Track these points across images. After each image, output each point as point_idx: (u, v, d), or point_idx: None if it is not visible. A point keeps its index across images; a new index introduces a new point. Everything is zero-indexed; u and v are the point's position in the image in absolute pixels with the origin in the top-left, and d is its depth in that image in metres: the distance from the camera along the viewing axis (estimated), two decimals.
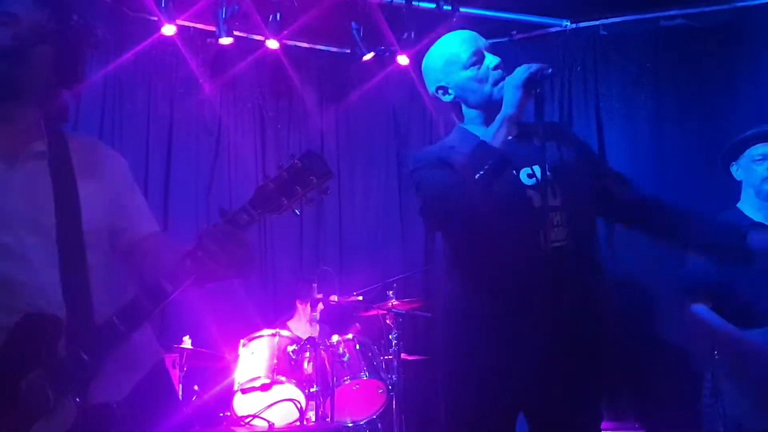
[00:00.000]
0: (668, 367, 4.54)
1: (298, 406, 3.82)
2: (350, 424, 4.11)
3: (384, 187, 5.65)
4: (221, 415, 4.13)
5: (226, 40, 4.72)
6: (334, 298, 4.43)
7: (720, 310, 3.00)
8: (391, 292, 4.44)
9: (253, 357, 4.10)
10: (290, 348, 4.10)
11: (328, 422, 3.80)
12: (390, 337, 4.29)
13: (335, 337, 4.22)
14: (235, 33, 4.89)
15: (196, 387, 4.32)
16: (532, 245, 1.95)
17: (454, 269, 2.14)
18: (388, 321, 4.38)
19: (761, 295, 2.91)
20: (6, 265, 1.57)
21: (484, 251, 2.02)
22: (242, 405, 4.04)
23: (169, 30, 4.75)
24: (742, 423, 2.86)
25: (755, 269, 2.91)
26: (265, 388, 3.98)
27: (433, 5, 4.99)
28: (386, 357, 4.30)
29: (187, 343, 4.29)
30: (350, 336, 4.25)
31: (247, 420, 3.78)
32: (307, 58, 5.65)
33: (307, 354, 4.09)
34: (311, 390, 3.98)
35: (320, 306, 4.34)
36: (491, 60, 2.13)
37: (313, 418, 3.99)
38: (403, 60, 5.11)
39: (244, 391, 4.01)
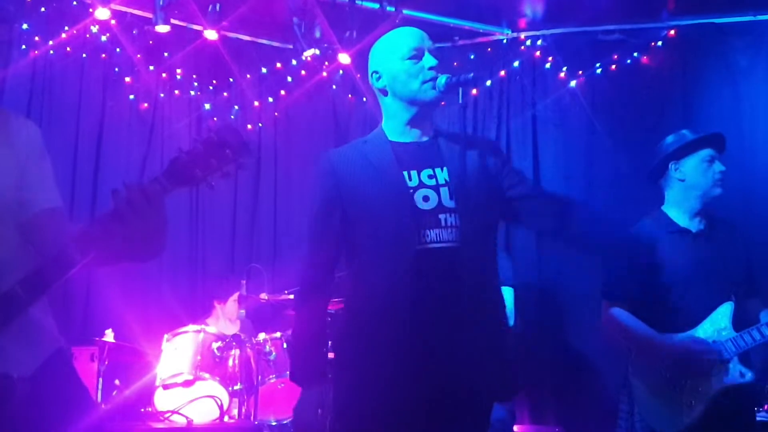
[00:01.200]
0: (589, 370, 4.64)
1: (219, 403, 3.75)
2: (274, 423, 4.06)
3: None
4: (142, 410, 4.03)
5: (162, 28, 4.60)
6: (264, 295, 4.37)
7: (641, 314, 3.05)
8: None
9: (177, 353, 4.01)
10: (215, 345, 4.02)
11: (246, 420, 3.74)
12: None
13: (262, 335, 4.16)
14: (174, 21, 4.78)
15: (117, 381, 4.21)
16: (411, 244, 2.00)
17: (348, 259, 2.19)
18: None
19: (683, 302, 2.97)
20: None
21: (365, 249, 2.09)
22: (164, 401, 3.95)
23: (102, 14, 4.62)
24: (655, 427, 2.93)
25: (677, 276, 3.00)
26: (187, 384, 3.90)
27: (376, 5, 4.98)
28: None
29: (109, 336, 4.18)
30: (278, 334, 4.19)
31: (166, 416, 3.69)
32: (248, 51, 5.57)
33: (233, 351, 4.03)
34: (235, 388, 3.92)
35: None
36: (429, 60, 2.15)
37: (237, 416, 3.93)
38: (344, 58, 5.09)
39: (165, 387, 3.92)
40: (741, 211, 4.42)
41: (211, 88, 5.58)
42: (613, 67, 5.10)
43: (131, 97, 5.32)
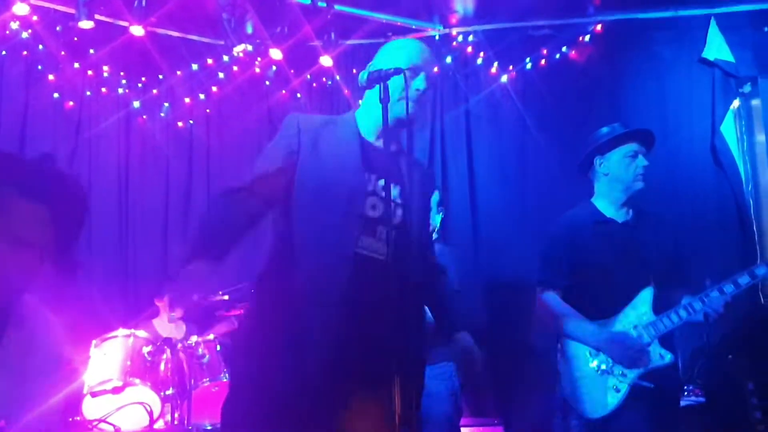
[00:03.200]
0: (526, 361, 4.70)
1: (148, 409, 3.65)
2: (209, 427, 3.97)
3: None
4: (70, 419, 3.90)
5: (86, 24, 4.46)
6: (195, 296, 4.27)
7: (570, 300, 3.12)
8: None
9: (106, 358, 3.89)
10: (146, 349, 3.92)
11: (179, 426, 3.66)
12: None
13: (194, 338, 4.07)
14: (98, 17, 4.64)
15: None
16: (348, 245, 2.02)
17: (276, 252, 2.14)
18: None
19: (608, 289, 3.05)
20: None
21: (304, 235, 2.07)
22: (92, 409, 3.82)
23: (21, 9, 4.44)
24: (582, 412, 2.98)
25: (602, 264, 3.07)
26: (117, 390, 3.78)
27: (308, 1, 4.92)
28: None
29: None
30: (211, 336, 4.11)
31: (93, 424, 3.58)
32: (177, 47, 5.43)
33: (165, 356, 3.93)
34: (167, 392, 3.83)
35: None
36: (419, 83, 2.16)
37: (170, 422, 3.84)
38: (276, 54, 5.02)
39: (94, 395, 3.79)
40: (667, 201, 4.55)
41: (140, 85, 5.43)
42: (543, 61, 5.18)
43: (56, 95, 5.14)
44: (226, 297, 4.29)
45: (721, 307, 2.90)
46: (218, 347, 4.07)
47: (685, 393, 4.15)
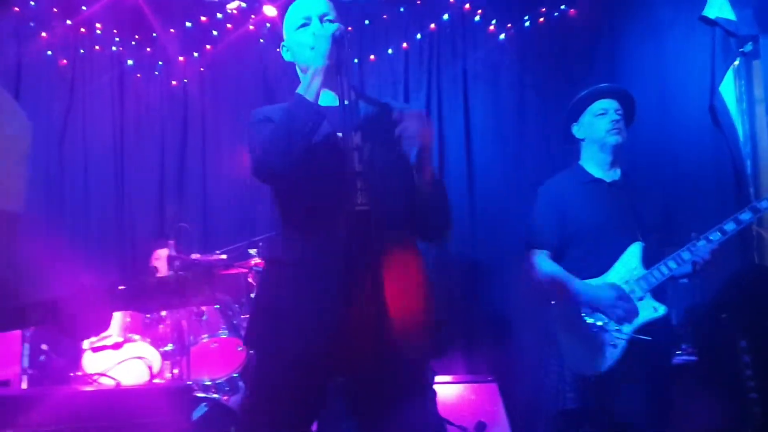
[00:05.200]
0: (519, 320, 4.75)
1: (148, 364, 3.70)
2: (208, 382, 4.02)
3: None
4: (72, 374, 3.94)
5: None
6: (196, 255, 4.29)
7: (561, 261, 3.15)
8: (254, 251, 4.36)
9: None
10: None
11: (177, 380, 3.70)
12: (251, 295, 4.23)
13: None
14: None
15: (44, 346, 4.09)
16: (343, 205, 2.00)
17: (278, 220, 2.22)
18: (250, 279, 4.32)
19: (597, 247, 3.08)
20: None
21: (302, 206, 2.12)
22: (93, 364, 3.87)
23: None
24: (579, 370, 3.02)
25: (591, 223, 3.10)
26: (117, 346, 3.83)
27: None
28: (247, 315, 4.23)
29: None
30: None
31: (93, 378, 3.62)
32: (170, 4, 5.35)
33: (164, 312, 3.96)
34: (166, 348, 3.86)
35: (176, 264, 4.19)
36: (314, 26, 2.18)
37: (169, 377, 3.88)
38: (270, 11, 4.96)
39: (94, 350, 3.84)
40: (664, 161, 4.56)
41: (133, 43, 5.33)
42: (542, 19, 5.13)
43: (48, 52, 5.07)
44: (223, 256, 4.33)
45: (708, 254, 2.95)
46: (216, 305, 4.10)
47: (679, 352, 4.20)
